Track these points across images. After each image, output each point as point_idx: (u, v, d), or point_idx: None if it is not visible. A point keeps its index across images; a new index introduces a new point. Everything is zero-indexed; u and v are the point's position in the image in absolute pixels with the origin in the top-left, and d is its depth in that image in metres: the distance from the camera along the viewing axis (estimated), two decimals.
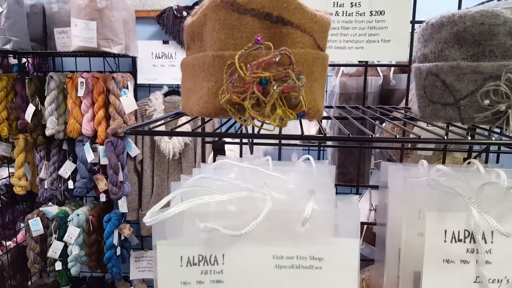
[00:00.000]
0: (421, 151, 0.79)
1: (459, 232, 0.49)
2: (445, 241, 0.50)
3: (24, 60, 1.93)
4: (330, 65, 1.25)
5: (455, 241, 0.50)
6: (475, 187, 0.53)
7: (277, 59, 0.36)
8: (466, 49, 0.44)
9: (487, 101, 0.41)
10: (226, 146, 0.81)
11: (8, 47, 1.60)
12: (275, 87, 0.36)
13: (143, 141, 1.96)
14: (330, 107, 0.91)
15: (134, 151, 1.92)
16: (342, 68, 1.01)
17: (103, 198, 1.85)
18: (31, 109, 1.74)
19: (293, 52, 0.38)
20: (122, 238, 1.90)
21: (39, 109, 1.76)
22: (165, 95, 1.95)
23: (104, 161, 1.80)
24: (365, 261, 0.91)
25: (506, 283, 0.50)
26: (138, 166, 1.99)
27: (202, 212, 0.41)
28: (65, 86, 1.76)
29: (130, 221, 1.99)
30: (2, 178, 2.01)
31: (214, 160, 0.66)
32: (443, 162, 0.77)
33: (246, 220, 0.40)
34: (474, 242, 0.49)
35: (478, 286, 0.50)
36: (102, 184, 1.84)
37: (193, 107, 0.43)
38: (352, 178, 1.03)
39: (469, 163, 0.65)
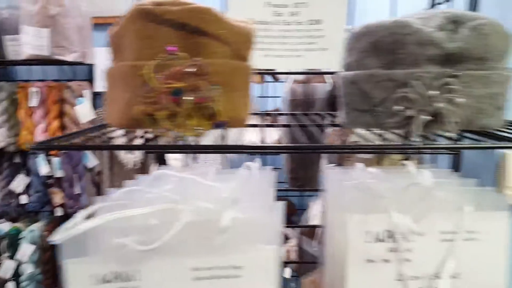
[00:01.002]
0: (361, 154, 0.81)
1: (380, 232, 0.52)
2: (366, 241, 0.52)
3: None
4: (280, 73, 1.27)
5: (376, 241, 0.52)
6: (399, 188, 0.56)
7: (190, 70, 0.37)
8: (382, 58, 0.46)
9: (398, 107, 0.44)
10: (172, 156, 0.81)
11: None
12: (187, 98, 0.36)
13: (101, 152, 1.91)
14: (283, 114, 0.93)
15: (91, 162, 1.87)
16: (292, 76, 1.03)
17: (59, 212, 1.79)
18: None
19: (210, 63, 0.39)
20: None
21: None
22: None
23: (59, 173, 1.74)
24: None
25: (425, 280, 0.52)
26: (96, 178, 1.94)
27: (117, 227, 0.41)
28: (16, 96, 1.70)
29: None
30: None
31: None
32: (380, 164, 0.80)
33: (164, 234, 0.40)
34: (394, 241, 0.52)
35: (400, 284, 0.52)
36: (57, 198, 1.78)
37: (114, 118, 0.43)
38: (304, 183, 1.05)
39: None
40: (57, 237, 0.37)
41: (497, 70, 0.43)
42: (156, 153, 0.72)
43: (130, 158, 1.86)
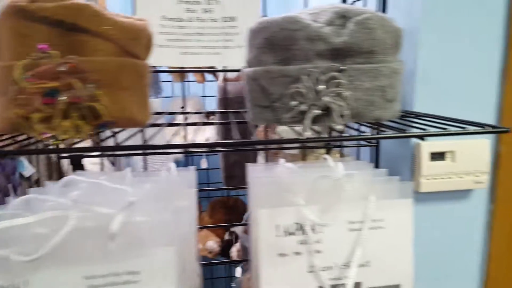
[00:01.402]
0: (287, 150, 0.82)
1: (290, 226, 0.52)
2: (277, 235, 0.52)
3: None
4: (212, 71, 1.25)
5: (287, 235, 0.52)
6: (310, 181, 0.57)
7: (61, 68, 0.35)
8: (277, 54, 0.46)
9: (293, 102, 0.44)
10: (91, 160, 0.78)
11: None
12: (60, 98, 0.35)
13: (37, 158, 1.81)
14: (214, 112, 0.92)
15: (28, 170, 1.77)
16: (222, 73, 1.02)
17: None
18: None
19: (88, 61, 0.37)
20: None
21: None
22: None
23: None
24: None
25: (336, 269, 0.53)
26: (35, 187, 1.84)
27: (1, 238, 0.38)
28: None
29: None
30: None
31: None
32: (305, 159, 0.81)
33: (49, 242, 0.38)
34: (305, 233, 0.52)
35: (312, 275, 0.53)
36: None
37: None
38: (240, 181, 1.04)
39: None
40: None
41: (385, 63, 0.45)
42: (70, 157, 0.69)
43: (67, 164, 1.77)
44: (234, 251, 1.35)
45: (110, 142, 0.67)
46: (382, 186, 0.57)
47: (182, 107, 1.56)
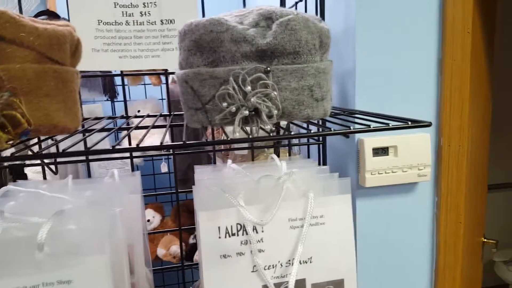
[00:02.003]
0: (237, 151, 0.83)
1: (231, 226, 0.53)
2: (219, 237, 0.52)
3: None
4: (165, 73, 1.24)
5: (229, 236, 0.52)
6: (252, 181, 0.57)
7: None
8: (205, 56, 0.46)
9: (224, 104, 0.44)
10: (33, 169, 0.75)
11: None
12: None
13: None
14: (169, 114, 0.91)
15: None
16: (172, 75, 1.01)
17: None
18: None
19: (5, 68, 0.36)
20: None
21: None
22: None
23: None
24: None
25: (280, 267, 0.54)
26: None
27: None
28: None
29: None
30: None
31: None
32: (256, 159, 0.82)
33: None
34: (246, 234, 0.53)
35: (256, 275, 0.53)
36: None
37: None
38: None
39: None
40: None
41: (311, 63, 0.46)
42: (9, 167, 0.66)
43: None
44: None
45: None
46: (322, 183, 0.58)
47: (139, 111, 1.54)
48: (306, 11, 0.79)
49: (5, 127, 0.36)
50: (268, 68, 0.43)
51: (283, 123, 0.82)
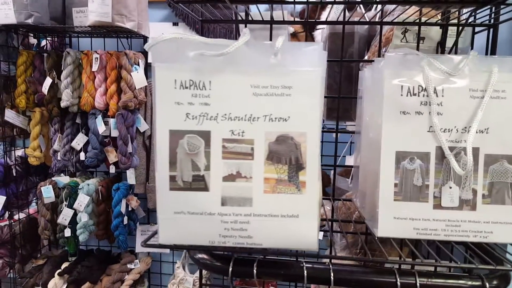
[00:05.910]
0: None
1: (413, 87, 0.57)
2: (401, 95, 0.57)
3: (43, 41, 2.07)
4: None
5: (410, 95, 0.57)
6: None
7: None
8: None
9: None
10: None
11: (30, 21, 1.73)
12: None
13: (152, 118, 2.06)
14: None
15: (143, 126, 2.02)
16: None
17: (112, 169, 1.94)
18: (48, 81, 1.87)
19: None
20: (130, 209, 1.98)
21: (55, 82, 1.88)
22: None
23: (114, 133, 1.90)
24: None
25: (455, 132, 0.57)
26: (147, 141, 2.09)
27: (192, 41, 0.50)
28: (80, 62, 1.89)
29: (137, 194, 2.07)
30: (18, 149, 2.13)
31: None
32: None
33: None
34: (427, 95, 0.57)
35: (431, 135, 0.57)
36: (112, 156, 1.94)
37: None
38: None
39: None
40: (149, 44, 0.46)
41: None
42: None
43: None
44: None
45: None
46: (504, 60, 0.58)
47: None
48: None
49: None
50: None
51: None
